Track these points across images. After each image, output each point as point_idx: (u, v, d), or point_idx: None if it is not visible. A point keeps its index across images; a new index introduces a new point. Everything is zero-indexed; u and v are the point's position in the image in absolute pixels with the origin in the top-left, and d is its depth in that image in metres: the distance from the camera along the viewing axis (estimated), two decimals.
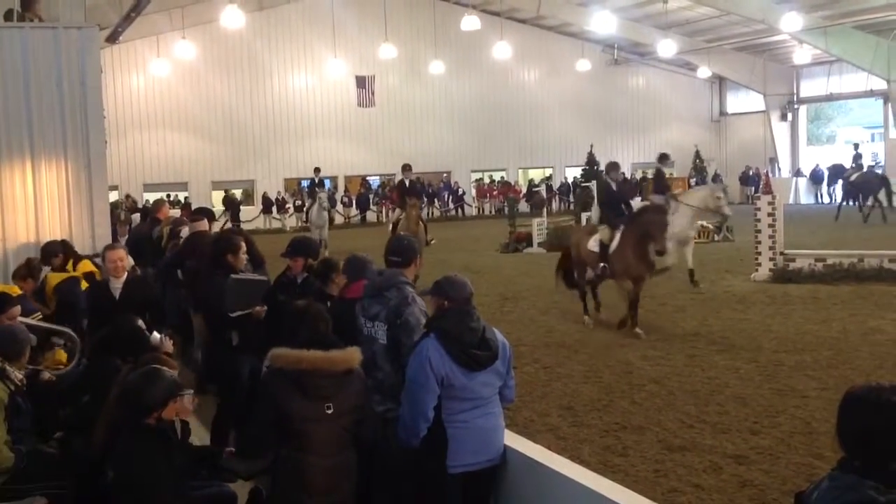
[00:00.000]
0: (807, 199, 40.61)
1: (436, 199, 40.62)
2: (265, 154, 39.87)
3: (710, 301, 14.34)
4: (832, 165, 37.81)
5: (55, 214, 10.68)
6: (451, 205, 41.55)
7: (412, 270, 5.49)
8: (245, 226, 31.72)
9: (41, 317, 7.60)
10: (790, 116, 44.85)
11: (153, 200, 24.99)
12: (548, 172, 44.98)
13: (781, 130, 44.97)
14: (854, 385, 2.89)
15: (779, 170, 44.18)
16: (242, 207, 37.55)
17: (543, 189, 41.11)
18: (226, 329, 6.96)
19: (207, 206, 17.49)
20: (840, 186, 32.35)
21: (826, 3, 33.36)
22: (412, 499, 4.89)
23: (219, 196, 38.64)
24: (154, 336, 6.22)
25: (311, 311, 4.88)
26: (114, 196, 31.15)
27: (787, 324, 12.29)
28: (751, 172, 41.90)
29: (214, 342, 7.28)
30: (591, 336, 12.08)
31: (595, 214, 25.30)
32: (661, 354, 10.74)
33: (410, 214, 16.83)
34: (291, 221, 36.81)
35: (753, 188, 38.05)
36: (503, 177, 43.99)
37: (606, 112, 45.28)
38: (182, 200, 35.62)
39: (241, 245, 7.32)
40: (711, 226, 23.19)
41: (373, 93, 38.81)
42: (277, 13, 39.62)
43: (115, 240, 11.50)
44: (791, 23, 31.78)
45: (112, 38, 28.68)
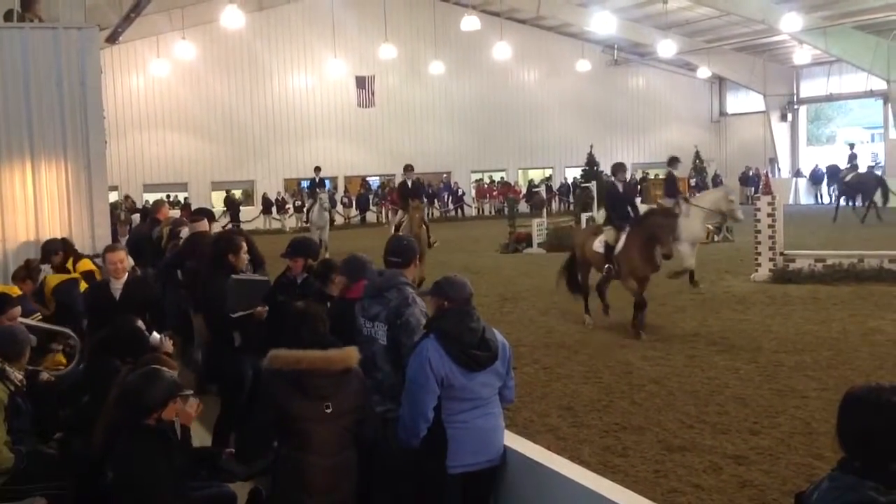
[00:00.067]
0: (806, 200, 40.62)
1: (436, 200, 40.61)
2: (265, 154, 39.86)
3: (710, 301, 14.34)
4: (828, 166, 37.82)
5: (55, 215, 10.68)
6: (451, 205, 41.57)
7: (412, 271, 5.50)
8: (245, 226, 31.76)
9: (41, 317, 7.61)
10: (790, 117, 44.85)
11: (153, 201, 24.99)
12: (547, 173, 45.00)
13: (781, 131, 44.97)
14: (854, 385, 2.89)
15: (779, 170, 44.19)
16: (242, 208, 37.57)
17: (543, 189, 41.13)
18: (227, 329, 6.96)
19: (207, 207, 17.47)
20: (835, 186, 32.39)
21: (826, 4, 33.36)
22: (412, 499, 4.89)
23: (218, 196, 38.67)
24: (154, 336, 6.22)
25: (310, 312, 4.89)
26: (113, 196, 31.15)
27: (787, 324, 12.29)
28: (751, 173, 41.90)
29: (216, 342, 7.27)
30: (591, 336, 12.08)
31: (598, 214, 25.44)
32: (661, 355, 10.74)
33: (413, 216, 16.68)
34: (291, 222, 36.79)
35: (753, 189, 38.05)
36: (503, 177, 44.00)
37: (606, 112, 45.28)
38: (182, 201, 35.63)
39: (243, 245, 7.31)
40: (711, 226, 23.16)
41: (373, 93, 38.81)
42: (277, 13, 39.61)
43: (116, 240, 11.51)
44: (791, 23, 31.79)
45: (112, 39, 28.65)
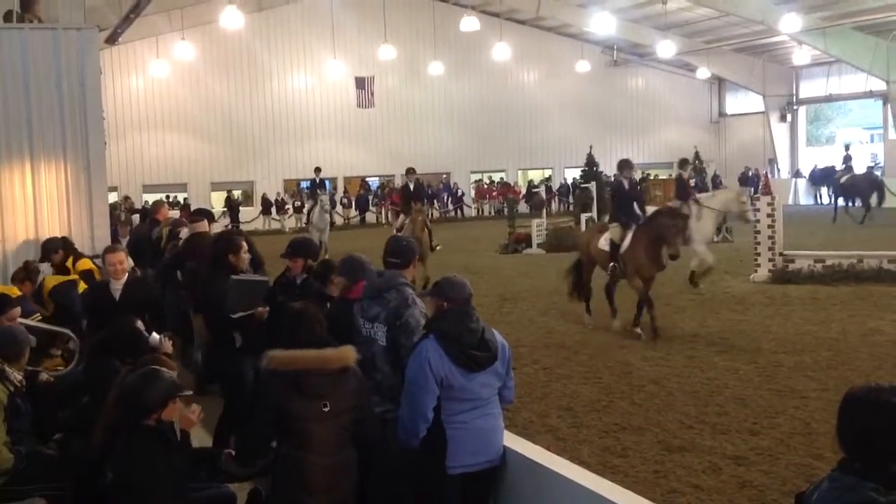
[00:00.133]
0: (806, 200, 40.61)
1: (435, 201, 40.61)
2: (264, 155, 39.86)
3: (710, 302, 14.34)
4: (822, 167, 37.83)
5: (54, 215, 10.68)
6: (451, 206, 41.56)
7: (411, 272, 5.50)
8: (244, 227, 31.75)
9: (40, 318, 7.61)
10: (789, 117, 44.86)
11: (152, 202, 24.98)
12: (547, 173, 45.01)
13: (781, 131, 44.98)
14: (854, 386, 2.89)
15: (778, 171, 44.21)
16: (241, 208, 37.56)
17: (543, 190, 41.14)
18: (227, 330, 6.95)
19: (206, 208, 17.46)
20: (830, 188, 32.43)
21: (825, 4, 33.35)
22: (412, 499, 4.89)
23: (218, 197, 38.66)
24: (153, 337, 6.22)
25: (307, 313, 4.89)
26: (113, 197, 31.13)
27: (787, 325, 12.29)
28: (750, 173, 41.89)
29: (216, 343, 7.27)
30: (591, 337, 12.08)
31: (596, 214, 25.45)
32: (661, 355, 10.74)
33: (416, 219, 16.60)
34: (291, 222, 36.78)
35: (753, 189, 38.03)
36: (502, 178, 44.01)
37: (606, 113, 45.29)
38: (181, 202, 35.62)
39: (243, 244, 7.30)
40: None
41: (372, 94, 38.81)
42: (277, 14, 39.60)
43: (117, 241, 11.51)
44: (790, 24, 31.79)
45: (111, 40, 28.66)
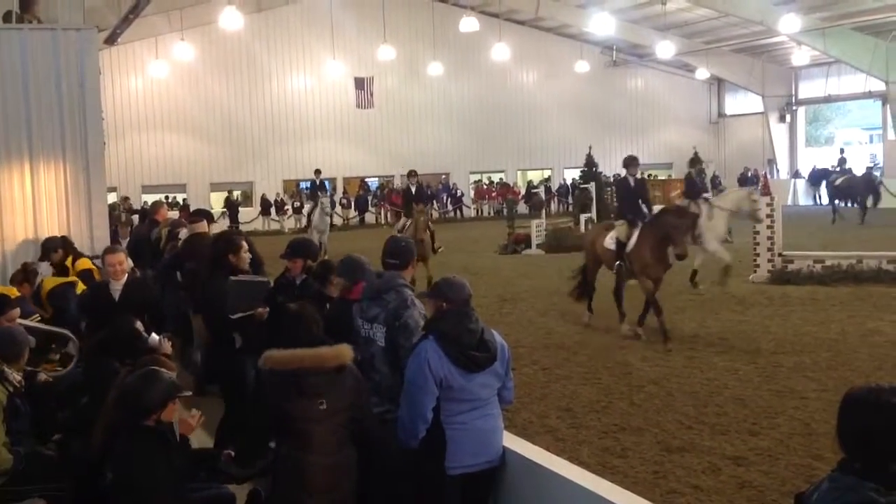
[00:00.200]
0: (805, 201, 40.60)
1: (434, 201, 40.59)
2: (264, 156, 39.84)
3: (709, 302, 14.34)
4: (817, 169, 37.84)
5: (53, 216, 10.67)
6: (450, 206, 41.55)
7: (410, 272, 5.49)
8: (243, 227, 31.73)
9: (39, 319, 7.60)
10: (788, 118, 44.86)
11: (151, 202, 24.95)
12: (546, 174, 45.01)
13: (780, 132, 44.98)
14: (854, 386, 2.89)
15: (777, 171, 44.23)
16: (241, 209, 37.52)
17: (542, 190, 41.15)
18: (227, 330, 6.94)
19: (205, 208, 17.43)
20: (825, 189, 32.52)
21: (824, 5, 33.37)
22: (411, 500, 4.88)
23: (217, 197, 38.63)
24: (153, 338, 6.22)
25: (306, 314, 4.89)
26: (112, 198, 31.10)
27: (786, 325, 12.29)
28: (749, 174, 41.91)
29: (216, 344, 7.26)
30: (590, 338, 12.08)
31: (595, 214, 25.45)
32: (660, 356, 10.74)
33: (418, 221, 16.48)
34: (290, 223, 36.76)
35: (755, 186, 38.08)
36: (502, 178, 44.00)
37: (605, 113, 45.29)
38: (181, 202, 35.59)
39: (243, 244, 7.29)
40: None
41: (371, 94, 38.79)
42: (276, 15, 39.58)
43: (117, 241, 11.50)
44: (789, 24, 31.80)
45: (110, 40, 28.64)
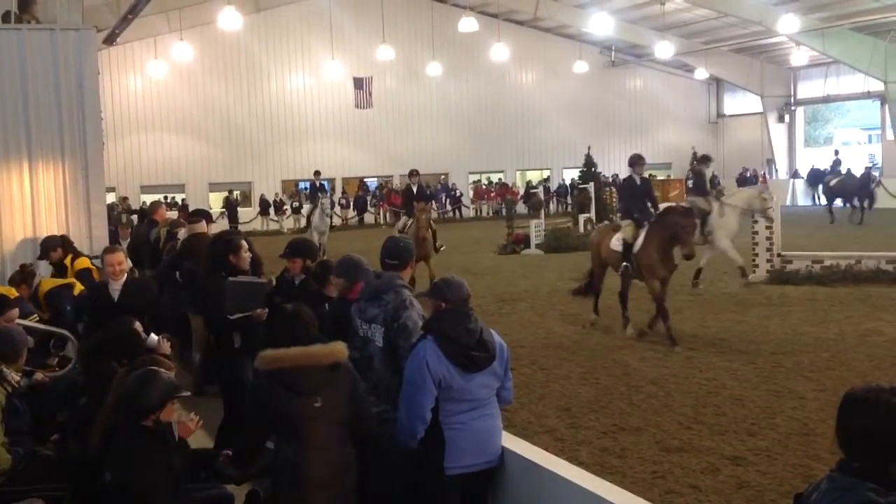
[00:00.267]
0: (804, 201, 40.63)
1: (433, 201, 40.51)
2: (262, 156, 39.82)
3: (708, 303, 14.34)
4: (811, 169, 37.88)
5: (52, 216, 10.68)
6: (449, 206, 41.54)
7: (408, 273, 5.49)
8: (242, 227, 31.70)
9: (38, 319, 7.60)
10: (787, 118, 44.89)
11: (150, 202, 24.92)
12: (545, 174, 45.00)
13: (778, 132, 45.01)
14: (853, 387, 2.89)
15: (776, 171, 44.25)
16: (239, 209, 37.46)
17: (541, 191, 41.12)
18: (226, 331, 6.94)
19: (204, 208, 17.39)
20: (820, 190, 32.62)
21: (823, 5, 33.40)
22: (410, 500, 4.88)
23: (216, 197, 38.59)
24: (151, 338, 6.21)
25: (301, 314, 4.89)
26: (111, 198, 31.08)
27: (785, 325, 12.30)
28: (748, 174, 41.95)
29: (216, 344, 7.26)
30: (589, 338, 12.08)
31: (594, 215, 25.47)
32: (659, 356, 10.74)
33: (420, 218, 16.26)
34: (289, 223, 36.77)
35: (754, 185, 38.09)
36: (501, 178, 44.00)
37: (604, 114, 45.30)
38: (179, 202, 35.56)
39: (243, 244, 7.28)
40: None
41: (370, 94, 38.74)
42: (275, 15, 39.56)
43: (117, 242, 11.49)
44: (788, 24, 31.83)
45: (109, 40, 28.62)
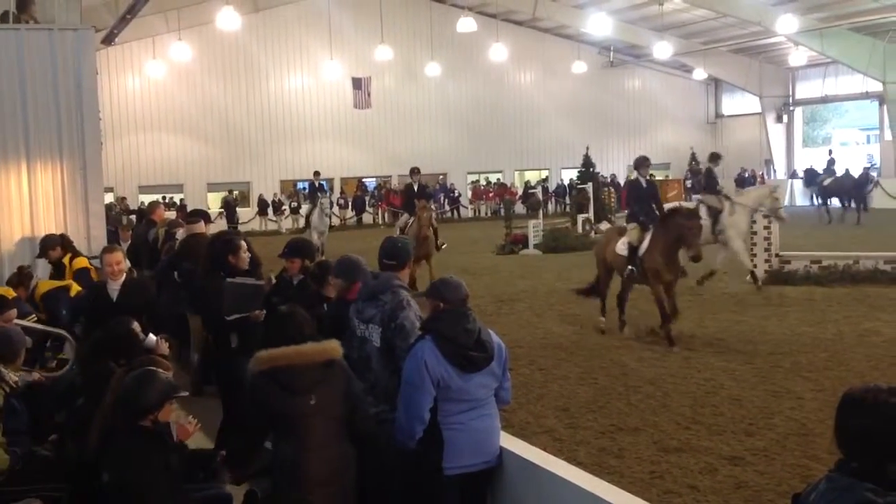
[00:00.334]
0: (802, 201, 40.61)
1: (432, 201, 40.42)
2: (261, 156, 39.80)
3: (706, 303, 14.34)
4: (806, 170, 37.92)
5: (50, 216, 10.67)
6: (447, 207, 41.53)
7: (406, 273, 5.48)
8: (240, 227, 31.68)
9: (35, 319, 7.59)
10: (786, 118, 44.92)
11: (148, 202, 24.89)
12: (544, 174, 45.01)
13: (777, 132, 45.04)
14: (852, 387, 2.89)
15: (774, 172, 44.27)
16: (238, 209, 37.41)
17: (539, 191, 41.13)
18: (224, 331, 6.94)
19: (203, 208, 17.37)
20: (815, 191, 32.66)
21: (821, 6, 33.43)
22: (409, 500, 4.88)
23: (215, 198, 38.58)
24: (150, 339, 6.21)
25: (296, 314, 4.89)
26: (109, 198, 31.08)
27: (783, 325, 12.31)
28: (746, 174, 41.96)
29: (214, 344, 7.26)
30: (588, 338, 12.08)
31: (593, 215, 25.49)
32: (657, 356, 10.75)
33: (422, 216, 16.11)
34: (287, 223, 36.76)
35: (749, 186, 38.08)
36: (499, 178, 44.00)
37: (602, 114, 45.32)
38: (178, 202, 35.53)
39: (242, 244, 7.28)
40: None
41: (369, 94, 38.73)
42: (273, 15, 39.55)
43: (118, 244, 11.48)
44: (787, 25, 31.85)
45: (108, 40, 28.61)
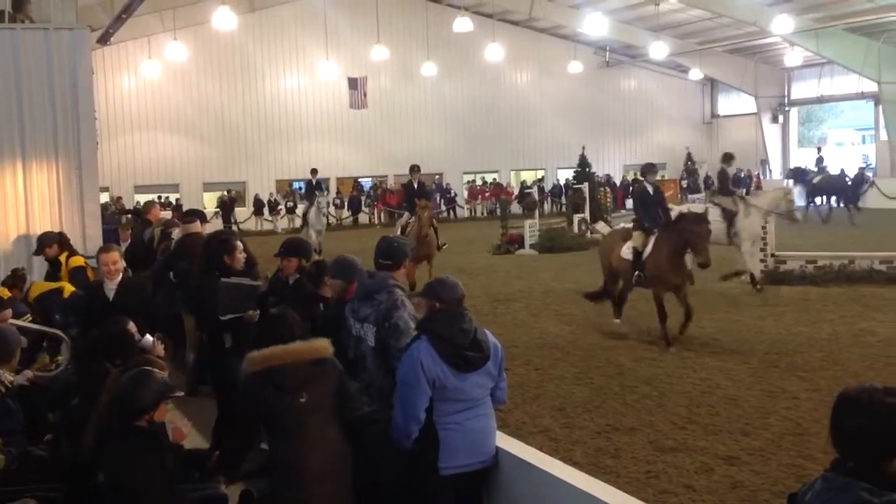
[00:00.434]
0: (798, 202, 40.58)
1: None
2: (257, 156, 39.73)
3: (703, 303, 14.30)
4: (794, 168, 37.97)
5: (46, 216, 10.67)
6: (443, 206, 41.50)
7: (402, 273, 5.49)
8: (235, 227, 31.65)
9: (31, 319, 7.57)
10: (781, 118, 44.97)
11: (143, 202, 24.88)
12: (540, 174, 45.03)
13: (772, 132, 45.09)
14: (847, 386, 2.89)
15: (770, 172, 44.32)
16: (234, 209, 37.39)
17: (535, 191, 41.07)
18: (218, 331, 6.94)
19: (199, 208, 17.34)
20: (803, 189, 32.71)
21: (817, 6, 33.48)
22: (404, 500, 4.88)
23: (210, 197, 38.54)
24: (146, 339, 6.20)
25: (287, 315, 4.89)
26: (104, 198, 31.03)
27: (779, 325, 12.33)
28: (742, 174, 41.95)
29: (209, 344, 7.26)
30: (584, 338, 12.08)
31: (589, 215, 25.51)
32: (653, 356, 10.76)
33: (422, 216, 15.85)
34: (283, 223, 36.72)
35: (745, 190, 38.08)
36: (495, 178, 43.99)
37: (598, 114, 45.33)
38: (173, 202, 35.53)
39: (238, 244, 7.27)
40: None
41: (365, 94, 38.65)
42: (269, 15, 39.49)
43: (117, 244, 11.45)
44: (782, 25, 31.89)
45: (103, 40, 28.56)
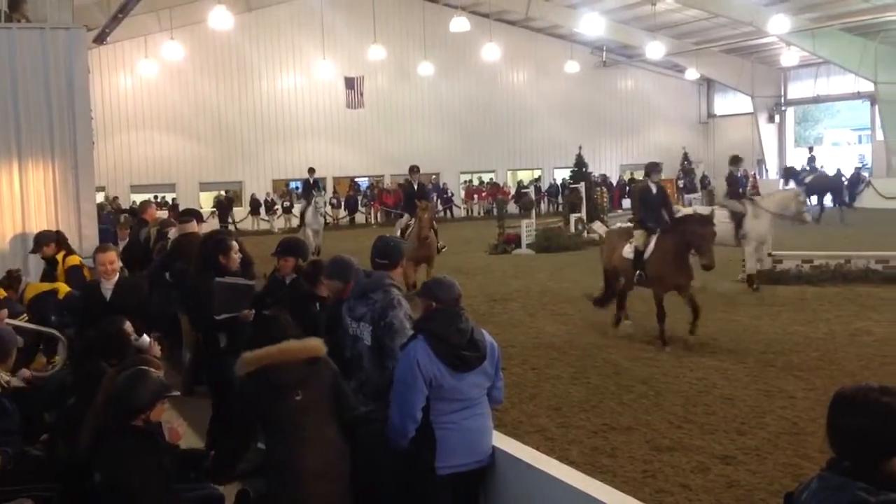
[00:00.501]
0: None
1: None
2: (253, 155, 39.68)
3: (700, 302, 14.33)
4: (786, 168, 38.05)
5: (42, 215, 10.65)
6: (440, 206, 41.47)
7: (398, 272, 5.49)
8: (231, 227, 31.62)
9: (27, 319, 7.57)
10: (777, 118, 45.01)
11: (140, 202, 24.85)
12: (536, 174, 45.02)
13: (769, 132, 45.13)
14: (843, 386, 2.90)
15: (766, 171, 44.37)
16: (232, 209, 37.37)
17: (532, 191, 41.09)
18: (213, 331, 6.94)
19: (195, 208, 17.31)
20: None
21: (813, 6, 33.51)
22: (401, 500, 4.88)
23: (207, 197, 38.49)
24: (143, 339, 6.20)
25: (280, 316, 4.89)
26: (100, 197, 30.99)
27: (775, 325, 12.34)
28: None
29: (205, 344, 7.26)
30: (580, 337, 12.09)
31: (585, 215, 25.53)
32: (650, 356, 10.77)
33: (422, 217, 15.49)
34: (280, 223, 36.69)
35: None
36: (492, 178, 44.00)
37: (595, 114, 45.36)
38: (170, 202, 35.48)
39: (233, 244, 7.27)
40: None
41: (361, 94, 38.62)
42: (266, 14, 39.43)
43: (115, 244, 11.45)
44: (778, 25, 31.91)
45: (99, 39, 28.54)
